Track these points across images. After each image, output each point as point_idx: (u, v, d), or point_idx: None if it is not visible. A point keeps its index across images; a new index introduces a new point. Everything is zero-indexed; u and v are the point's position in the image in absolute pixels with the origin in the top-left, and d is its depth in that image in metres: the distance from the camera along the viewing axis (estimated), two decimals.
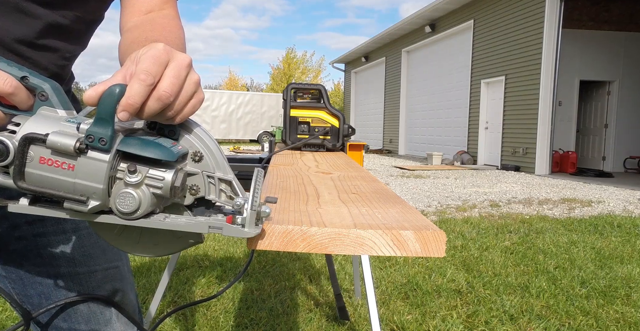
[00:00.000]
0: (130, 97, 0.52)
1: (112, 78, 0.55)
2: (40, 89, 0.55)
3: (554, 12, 10.13)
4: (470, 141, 13.48)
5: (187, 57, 0.57)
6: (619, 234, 4.66)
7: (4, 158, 0.52)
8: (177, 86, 0.55)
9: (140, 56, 0.55)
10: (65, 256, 0.87)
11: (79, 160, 0.51)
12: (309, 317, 2.57)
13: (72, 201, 0.52)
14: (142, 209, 0.53)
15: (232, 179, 0.58)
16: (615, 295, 2.94)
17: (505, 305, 2.75)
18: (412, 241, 0.59)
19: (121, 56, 0.80)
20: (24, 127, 0.53)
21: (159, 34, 0.79)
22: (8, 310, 2.57)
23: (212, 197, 0.58)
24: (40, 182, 0.52)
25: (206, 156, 0.58)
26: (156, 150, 0.53)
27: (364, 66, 22.11)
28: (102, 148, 0.51)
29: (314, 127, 2.04)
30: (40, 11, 0.75)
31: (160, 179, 0.53)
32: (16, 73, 0.55)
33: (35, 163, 0.52)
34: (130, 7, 0.87)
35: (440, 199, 6.85)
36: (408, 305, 2.75)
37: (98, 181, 0.52)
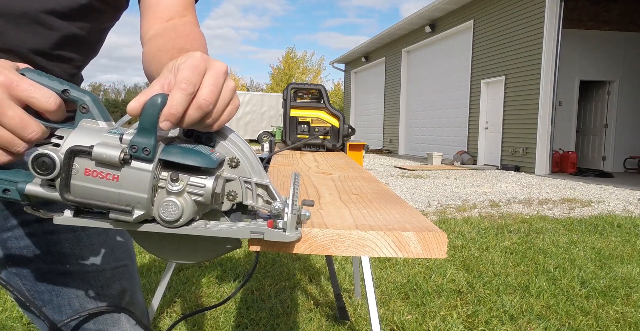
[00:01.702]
0: (172, 107, 0.52)
1: (151, 88, 0.55)
2: (81, 101, 0.55)
3: (554, 12, 10.12)
4: (470, 141, 13.48)
5: (223, 65, 0.58)
6: (619, 234, 4.66)
7: (50, 171, 0.52)
8: (216, 94, 0.55)
9: (178, 65, 0.56)
10: (75, 254, 0.88)
11: (123, 170, 0.52)
12: (309, 317, 2.57)
13: (117, 212, 0.53)
14: (185, 217, 0.53)
15: (269, 183, 0.58)
16: (615, 295, 2.94)
17: (505, 305, 2.75)
18: (414, 243, 0.59)
19: (147, 65, 0.81)
20: (68, 140, 0.53)
21: (183, 41, 0.80)
22: (8, 310, 2.58)
23: (249, 202, 0.58)
24: (85, 194, 0.52)
25: (242, 162, 0.58)
26: (197, 158, 0.53)
27: (364, 66, 22.10)
28: (145, 158, 0.52)
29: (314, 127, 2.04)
30: (58, 23, 0.76)
31: (202, 187, 0.54)
32: (57, 87, 0.55)
33: (81, 175, 0.52)
34: (151, 15, 0.88)
35: (440, 199, 6.85)
36: (408, 305, 2.76)
37: (142, 190, 0.52)
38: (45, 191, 0.54)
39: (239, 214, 0.60)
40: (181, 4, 0.89)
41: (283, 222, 0.55)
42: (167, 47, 0.77)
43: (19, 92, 0.54)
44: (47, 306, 0.88)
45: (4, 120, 0.53)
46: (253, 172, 0.58)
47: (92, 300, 0.89)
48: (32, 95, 0.54)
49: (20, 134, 0.54)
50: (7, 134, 0.54)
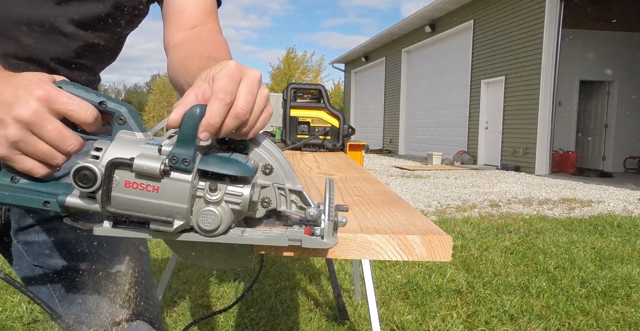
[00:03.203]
0: (211, 118, 0.53)
1: (186, 98, 0.56)
2: (118, 113, 0.56)
3: (554, 12, 10.12)
4: (470, 141, 13.48)
5: (258, 73, 0.58)
6: (619, 234, 4.66)
7: (92, 184, 0.52)
8: (252, 103, 0.56)
9: (214, 75, 0.56)
10: (92, 252, 0.89)
11: (163, 181, 0.52)
12: (309, 317, 2.57)
13: (158, 222, 0.53)
14: (223, 225, 0.54)
15: (302, 189, 0.58)
16: (615, 295, 2.95)
17: (505, 305, 2.75)
18: (419, 246, 0.59)
19: (173, 72, 0.82)
20: (107, 153, 0.53)
21: (209, 49, 0.81)
22: (8, 310, 2.58)
23: (283, 208, 0.59)
24: (126, 205, 0.53)
25: (276, 168, 0.58)
26: (235, 167, 0.54)
27: (364, 66, 22.10)
28: (185, 169, 0.52)
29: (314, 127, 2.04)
30: (79, 33, 0.77)
31: (239, 195, 0.54)
32: (94, 99, 0.56)
33: (121, 187, 0.52)
34: (174, 23, 0.89)
35: (440, 199, 6.85)
36: (408, 305, 2.76)
37: (182, 201, 0.52)
38: (85, 203, 0.55)
39: (273, 220, 0.61)
40: (204, 12, 0.90)
41: (320, 229, 0.55)
42: (194, 55, 0.79)
43: (58, 105, 0.54)
44: (63, 302, 0.89)
45: (44, 133, 0.54)
46: (286, 178, 0.59)
47: (108, 300, 0.90)
48: (71, 108, 0.54)
49: (59, 147, 0.55)
50: (46, 147, 0.54)
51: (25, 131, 0.53)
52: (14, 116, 0.53)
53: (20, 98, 0.53)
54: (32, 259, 0.89)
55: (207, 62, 0.74)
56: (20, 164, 0.55)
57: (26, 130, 0.53)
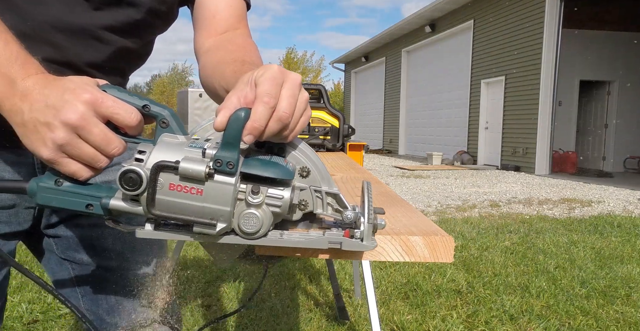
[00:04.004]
0: (256, 121, 0.53)
1: (228, 101, 0.56)
2: (161, 116, 0.56)
3: (554, 12, 10.12)
4: (470, 141, 13.48)
5: (298, 77, 0.59)
6: (619, 234, 4.66)
7: (137, 187, 0.53)
8: (294, 106, 0.56)
9: (256, 78, 0.57)
10: (116, 250, 0.90)
11: (207, 184, 0.52)
12: (309, 317, 2.57)
13: (201, 225, 0.53)
14: (264, 228, 0.54)
15: (339, 192, 0.58)
16: (615, 295, 2.95)
17: (505, 305, 2.75)
18: (421, 247, 0.59)
19: (206, 76, 0.83)
20: (152, 156, 0.53)
21: (242, 53, 0.82)
22: (8, 310, 2.58)
23: (319, 211, 0.59)
24: (170, 208, 0.53)
25: (313, 171, 0.59)
26: (276, 170, 0.54)
27: (364, 66, 22.10)
28: (229, 172, 0.52)
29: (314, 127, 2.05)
30: (113, 38, 0.78)
31: (280, 198, 0.54)
32: (137, 102, 0.56)
33: (165, 190, 0.52)
34: (206, 29, 0.90)
35: (440, 199, 6.85)
36: (408, 305, 2.76)
37: (225, 203, 0.53)
38: (129, 206, 0.55)
39: (308, 223, 0.61)
40: (235, 17, 0.92)
41: (360, 231, 0.55)
42: (228, 60, 0.80)
43: (104, 109, 0.55)
44: (86, 297, 0.92)
45: (90, 137, 0.55)
46: (323, 181, 0.59)
47: (129, 299, 0.92)
48: (116, 111, 0.55)
49: (104, 150, 0.56)
50: (91, 151, 0.55)
51: (72, 134, 0.54)
52: (62, 120, 0.54)
53: (67, 102, 0.54)
54: (60, 253, 0.91)
55: (242, 66, 0.76)
56: (66, 167, 0.56)
57: (73, 133, 0.54)
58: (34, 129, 0.55)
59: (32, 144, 0.56)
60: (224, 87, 0.76)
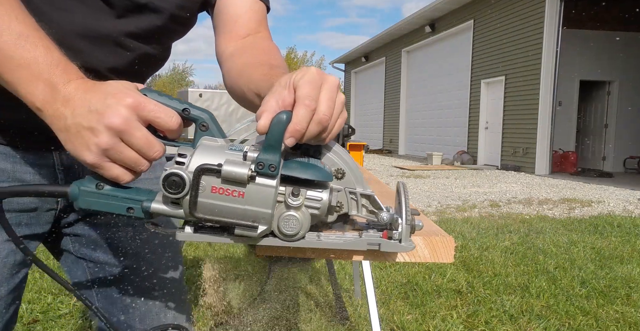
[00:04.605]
0: (297, 124, 0.54)
1: (267, 105, 0.56)
2: (201, 120, 0.57)
3: (554, 12, 10.12)
4: (470, 141, 13.47)
5: (336, 79, 0.59)
6: (619, 234, 4.66)
7: (180, 190, 0.53)
8: (332, 108, 0.57)
9: (295, 81, 0.57)
10: (131, 249, 0.91)
11: (248, 187, 0.53)
12: (309, 317, 2.57)
13: (243, 227, 0.53)
14: (303, 230, 0.54)
15: (373, 193, 0.59)
16: (615, 295, 2.94)
17: (505, 305, 2.75)
18: (421, 247, 0.59)
19: (233, 80, 0.84)
20: (194, 159, 0.54)
21: (268, 57, 0.83)
22: None
23: (353, 212, 0.59)
24: (212, 211, 0.53)
25: (347, 173, 0.59)
26: (316, 172, 0.54)
27: (364, 66, 22.09)
28: (271, 174, 0.52)
29: None
30: (135, 44, 0.79)
31: (318, 200, 0.55)
32: (177, 106, 0.57)
33: (208, 193, 0.53)
34: (227, 33, 0.91)
35: (440, 199, 6.85)
36: (408, 305, 2.76)
37: (267, 206, 0.53)
38: (170, 209, 0.56)
39: (341, 224, 0.61)
40: (256, 21, 0.92)
41: (398, 233, 0.56)
42: (254, 63, 0.81)
43: (146, 112, 0.55)
44: (100, 296, 0.93)
45: (133, 141, 0.55)
46: (357, 182, 0.59)
47: (143, 299, 0.92)
48: (158, 115, 0.56)
49: (145, 153, 0.56)
50: (133, 155, 0.56)
51: (115, 138, 0.55)
52: (106, 124, 0.54)
53: (110, 106, 0.54)
54: (76, 251, 0.91)
55: (270, 69, 0.76)
56: (109, 171, 0.56)
57: (116, 137, 0.55)
58: (77, 134, 0.55)
59: (75, 149, 0.56)
60: (254, 91, 0.77)
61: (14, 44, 0.57)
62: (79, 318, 2.49)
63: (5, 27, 0.57)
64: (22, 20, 0.59)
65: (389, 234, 0.56)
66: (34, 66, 0.57)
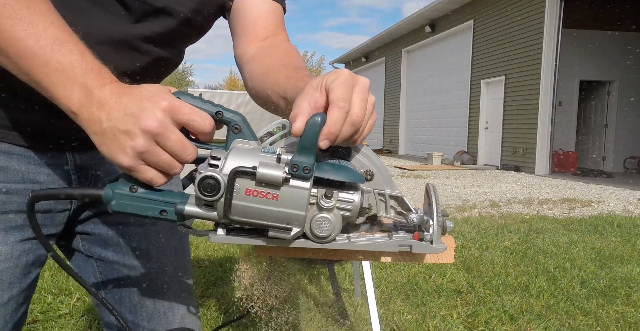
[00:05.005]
0: (332, 126, 0.54)
1: (300, 107, 0.57)
2: (234, 122, 0.57)
3: (554, 12, 10.12)
4: (470, 141, 13.47)
5: (367, 81, 0.60)
6: (619, 234, 4.66)
7: (215, 193, 0.53)
8: (365, 110, 0.57)
9: (328, 84, 0.57)
10: (142, 249, 0.92)
11: (282, 189, 0.53)
12: (309, 317, 2.57)
13: (277, 229, 0.54)
14: (335, 232, 0.55)
15: (402, 195, 0.59)
16: (615, 295, 2.95)
17: (505, 305, 2.75)
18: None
19: (257, 83, 0.84)
20: (228, 162, 0.54)
21: (290, 59, 0.84)
22: None
23: (382, 214, 0.59)
24: (245, 213, 0.53)
25: (376, 174, 0.59)
26: (348, 174, 0.55)
27: (364, 66, 22.09)
28: (305, 176, 0.53)
29: None
30: (151, 49, 0.80)
31: (350, 202, 0.55)
32: (210, 109, 0.57)
33: (242, 195, 0.53)
34: (246, 36, 0.91)
35: (440, 199, 6.85)
36: (408, 305, 2.76)
37: (300, 208, 0.53)
38: (203, 211, 0.56)
39: (369, 226, 0.61)
40: (275, 23, 0.92)
41: (429, 234, 0.56)
42: (278, 66, 0.81)
43: (181, 115, 0.55)
44: (109, 295, 0.93)
45: (168, 144, 0.55)
46: (385, 184, 0.59)
47: (151, 299, 0.92)
48: (192, 118, 0.56)
49: (179, 156, 0.56)
50: (168, 158, 0.56)
51: (151, 141, 0.55)
52: (142, 127, 0.54)
53: (146, 110, 0.55)
54: (86, 250, 0.92)
55: (295, 72, 0.77)
56: (143, 174, 0.57)
57: (152, 141, 0.55)
58: (113, 137, 0.55)
59: (110, 152, 0.56)
60: (279, 93, 0.77)
61: (51, 49, 0.57)
62: (79, 318, 2.49)
63: (41, 32, 0.57)
64: (57, 25, 0.59)
65: (420, 235, 0.56)
66: (69, 71, 0.57)
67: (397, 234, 0.58)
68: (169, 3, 0.78)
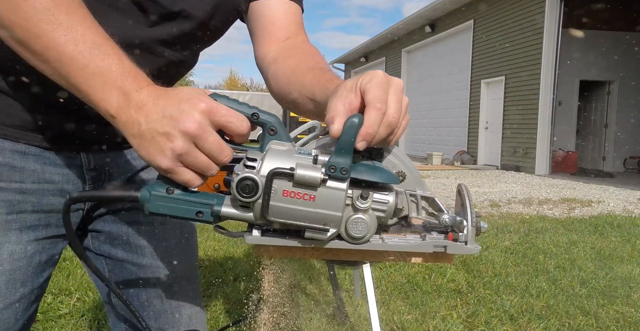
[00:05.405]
0: (369, 127, 0.54)
1: (335, 109, 0.57)
2: (269, 124, 0.57)
3: (554, 12, 10.12)
4: (470, 141, 13.47)
5: (401, 82, 0.60)
6: (619, 234, 4.66)
7: (253, 194, 0.53)
8: (400, 111, 0.58)
9: (363, 85, 0.58)
10: (150, 247, 0.92)
11: (319, 190, 0.53)
12: (309, 317, 2.57)
13: (314, 230, 0.54)
14: (370, 233, 0.55)
15: (433, 196, 0.59)
16: (615, 295, 2.94)
17: (505, 305, 2.75)
18: None
19: (282, 84, 0.84)
20: (265, 163, 0.54)
21: (314, 60, 0.84)
22: None
23: (413, 215, 0.60)
24: (282, 214, 0.54)
25: (408, 175, 0.59)
26: (384, 175, 0.55)
27: (364, 66, 22.09)
28: (342, 177, 0.53)
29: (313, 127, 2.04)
30: (166, 52, 0.81)
31: (385, 203, 0.55)
32: (246, 111, 0.57)
33: (279, 196, 0.53)
34: (266, 37, 0.91)
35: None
36: (408, 305, 2.75)
37: (337, 209, 0.53)
38: (240, 212, 0.56)
39: (399, 227, 0.61)
40: (295, 24, 0.92)
41: (464, 235, 0.56)
42: (303, 68, 0.81)
43: (219, 117, 0.56)
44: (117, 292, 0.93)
45: (206, 145, 0.55)
46: (417, 185, 0.59)
47: (158, 298, 0.93)
48: (230, 120, 0.56)
49: (216, 158, 0.56)
50: (206, 159, 0.56)
51: (190, 143, 0.55)
52: (181, 129, 0.54)
53: (184, 112, 0.55)
54: (96, 248, 0.92)
55: (322, 73, 0.77)
56: (181, 176, 0.57)
57: (191, 142, 0.55)
58: (151, 139, 0.56)
59: (149, 154, 0.57)
60: (307, 95, 0.77)
61: (89, 53, 0.58)
62: (79, 318, 2.49)
63: (80, 37, 0.58)
64: (94, 29, 0.60)
65: (454, 236, 0.56)
66: (107, 74, 0.58)
67: (430, 235, 0.58)
68: (185, 7, 0.78)
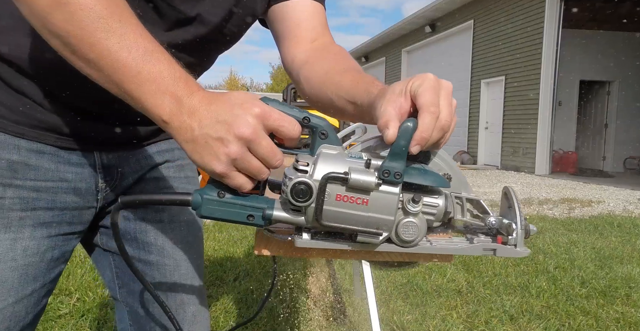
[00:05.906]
0: (424, 131, 0.54)
1: (387, 114, 0.57)
2: (320, 128, 0.57)
3: (554, 12, 10.12)
4: (470, 141, 13.47)
5: (450, 85, 0.59)
6: (619, 234, 4.66)
7: (307, 198, 0.53)
8: (452, 114, 0.57)
9: (414, 89, 0.57)
10: (157, 245, 0.93)
11: (372, 194, 0.53)
12: (309, 317, 2.57)
13: (367, 234, 0.54)
14: (421, 236, 0.55)
15: (479, 198, 0.59)
16: (615, 295, 2.94)
17: (505, 305, 2.75)
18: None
19: (317, 87, 0.84)
20: (318, 167, 0.54)
21: (348, 62, 0.84)
22: None
23: (458, 217, 0.59)
24: (335, 218, 0.53)
25: (453, 177, 0.59)
26: (435, 179, 0.55)
27: (364, 66, 22.04)
28: (395, 182, 0.53)
29: None
30: (181, 56, 0.80)
31: (435, 206, 0.55)
32: (298, 115, 0.57)
33: (332, 200, 0.53)
34: (293, 39, 0.90)
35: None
36: (408, 305, 2.75)
37: (389, 213, 0.53)
38: (291, 216, 0.56)
39: (444, 228, 0.61)
40: (321, 24, 0.92)
41: (513, 238, 0.56)
42: (338, 70, 0.81)
43: (272, 121, 0.56)
44: (124, 289, 0.94)
45: (259, 150, 0.56)
46: (462, 187, 0.59)
47: (163, 295, 0.93)
48: (282, 124, 0.56)
49: (268, 162, 0.56)
50: (258, 163, 0.56)
51: (244, 148, 0.55)
52: (236, 134, 0.55)
53: (238, 116, 0.55)
54: (104, 244, 0.93)
55: (361, 76, 0.76)
56: (234, 180, 0.57)
57: (244, 147, 0.55)
58: (205, 144, 0.56)
59: (202, 159, 0.57)
60: (345, 98, 0.77)
61: (142, 60, 0.58)
62: (79, 318, 2.49)
63: (132, 44, 0.58)
64: (145, 36, 0.60)
65: (503, 239, 0.56)
66: (159, 80, 0.58)
67: (478, 238, 0.58)
68: (202, 11, 0.78)
